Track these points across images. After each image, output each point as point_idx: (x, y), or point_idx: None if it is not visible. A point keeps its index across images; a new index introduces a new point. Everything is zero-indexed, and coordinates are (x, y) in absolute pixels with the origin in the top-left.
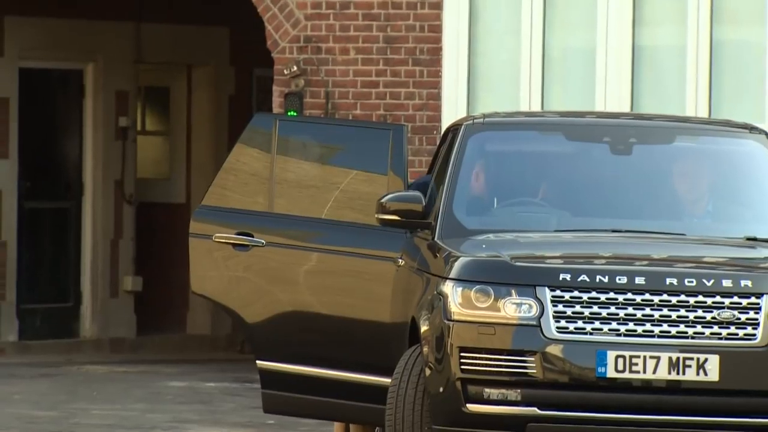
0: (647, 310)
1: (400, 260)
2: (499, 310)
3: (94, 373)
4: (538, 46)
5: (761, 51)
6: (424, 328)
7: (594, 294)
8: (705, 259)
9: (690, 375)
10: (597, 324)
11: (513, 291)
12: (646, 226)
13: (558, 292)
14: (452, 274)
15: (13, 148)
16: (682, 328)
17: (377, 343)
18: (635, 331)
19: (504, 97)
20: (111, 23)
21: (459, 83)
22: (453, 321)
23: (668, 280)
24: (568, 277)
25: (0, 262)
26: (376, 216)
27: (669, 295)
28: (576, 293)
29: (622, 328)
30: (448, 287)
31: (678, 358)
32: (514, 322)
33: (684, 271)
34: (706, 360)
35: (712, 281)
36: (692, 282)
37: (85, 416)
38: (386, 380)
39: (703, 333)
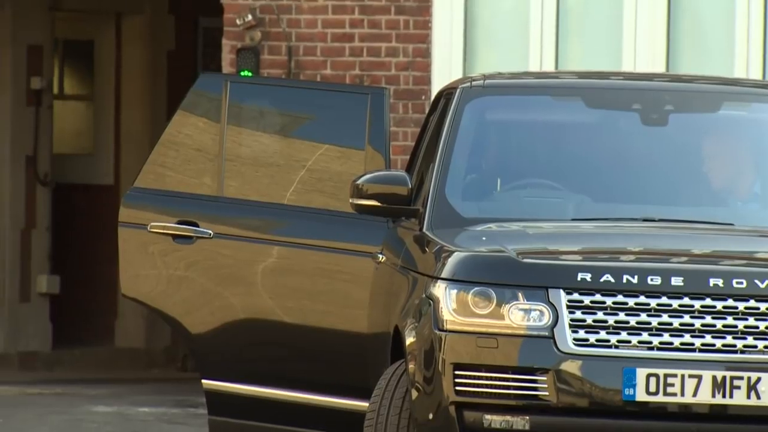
0: (686, 318)
1: (381, 256)
2: (502, 317)
3: (0, 395)
4: None
5: None
6: (409, 339)
7: (620, 298)
8: (758, 255)
9: (739, 398)
10: (624, 335)
11: (520, 294)
12: (684, 213)
13: (576, 296)
14: (445, 273)
15: None
16: (729, 340)
17: (352, 359)
18: (671, 344)
19: (509, 54)
20: None
21: (453, 36)
22: (446, 331)
23: (712, 281)
24: (588, 277)
25: None
26: (350, 201)
27: (713, 299)
28: (598, 297)
29: (655, 341)
30: (439, 289)
31: (724, 378)
32: (522, 332)
33: (732, 269)
34: (758, 380)
35: (766, 282)
36: (742, 283)
37: None
38: (363, 404)
39: (756, 346)
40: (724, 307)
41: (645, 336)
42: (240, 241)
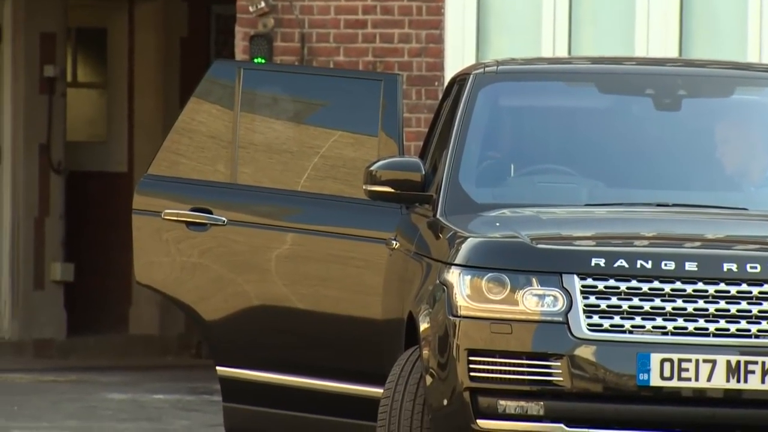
0: (700, 303)
1: (394, 242)
2: (516, 303)
3: (15, 382)
4: None
5: None
6: (423, 326)
7: (634, 283)
8: None
9: (753, 383)
10: (638, 320)
11: (534, 280)
12: (698, 198)
13: (590, 281)
14: (459, 259)
15: None
16: (743, 324)
17: (366, 345)
18: (685, 328)
19: (522, 40)
20: None
21: (466, 22)
22: (460, 317)
23: (726, 266)
24: (602, 262)
25: None
26: (364, 187)
27: (727, 284)
28: (612, 282)
29: (670, 326)
30: (453, 275)
31: (738, 362)
32: (536, 318)
33: (746, 254)
34: None
35: None
36: (756, 268)
37: None
38: (377, 390)
39: None
40: (738, 292)
41: (659, 321)
42: (254, 228)
